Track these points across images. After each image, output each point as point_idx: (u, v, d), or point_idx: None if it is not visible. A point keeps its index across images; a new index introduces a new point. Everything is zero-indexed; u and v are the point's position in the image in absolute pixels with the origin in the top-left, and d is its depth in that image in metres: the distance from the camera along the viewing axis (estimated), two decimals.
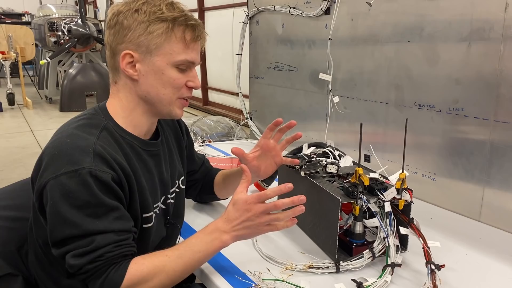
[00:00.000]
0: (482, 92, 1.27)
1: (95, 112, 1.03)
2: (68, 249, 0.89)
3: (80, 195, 0.88)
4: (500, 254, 1.13)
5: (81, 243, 0.88)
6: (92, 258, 0.88)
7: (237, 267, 1.05)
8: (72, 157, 0.90)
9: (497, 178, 1.27)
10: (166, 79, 1.00)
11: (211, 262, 1.07)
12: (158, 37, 0.97)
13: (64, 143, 0.92)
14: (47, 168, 0.91)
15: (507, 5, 1.18)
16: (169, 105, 1.03)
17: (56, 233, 0.89)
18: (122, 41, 0.99)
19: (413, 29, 1.44)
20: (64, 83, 6.83)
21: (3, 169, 3.98)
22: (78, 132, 0.95)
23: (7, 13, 10.62)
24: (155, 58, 0.98)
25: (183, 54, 1.00)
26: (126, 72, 1.00)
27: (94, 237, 0.89)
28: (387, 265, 0.98)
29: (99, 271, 0.89)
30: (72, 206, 0.88)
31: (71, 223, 0.88)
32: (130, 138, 1.02)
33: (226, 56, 5.37)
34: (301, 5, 1.91)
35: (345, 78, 1.74)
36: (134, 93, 1.02)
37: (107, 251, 0.89)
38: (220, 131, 2.54)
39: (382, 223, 1.02)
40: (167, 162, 1.14)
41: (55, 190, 0.88)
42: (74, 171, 0.88)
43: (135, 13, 0.97)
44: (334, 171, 1.20)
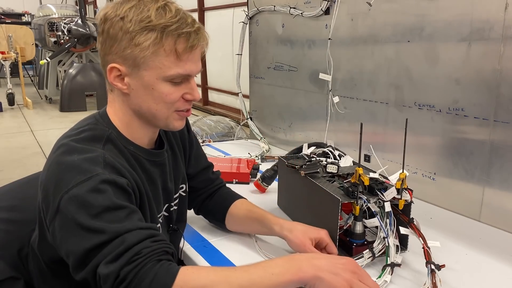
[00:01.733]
0: (482, 92, 1.27)
1: (97, 121, 0.96)
2: (97, 261, 0.76)
3: (96, 202, 0.80)
4: (500, 254, 1.13)
5: (111, 246, 0.77)
6: (129, 258, 0.75)
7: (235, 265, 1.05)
8: (82, 168, 0.83)
9: (497, 178, 1.27)
10: (158, 95, 0.91)
11: (210, 261, 1.07)
12: (145, 50, 0.87)
13: (71, 158, 0.85)
14: (58, 186, 0.83)
15: (507, 5, 1.18)
16: (165, 119, 0.95)
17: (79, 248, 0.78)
18: (109, 52, 0.90)
19: (413, 29, 1.44)
20: (64, 83, 6.83)
21: (3, 169, 3.98)
22: (83, 146, 0.88)
23: (7, 13, 10.62)
24: (143, 72, 0.89)
25: (175, 68, 0.89)
26: (114, 85, 0.92)
27: (123, 237, 0.78)
28: (386, 265, 0.98)
29: (141, 270, 0.75)
30: (91, 215, 0.79)
31: (94, 231, 0.78)
32: (134, 148, 0.97)
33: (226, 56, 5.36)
34: (301, 5, 1.91)
35: (345, 78, 1.74)
36: (127, 106, 0.95)
37: (145, 247, 0.77)
38: (220, 131, 2.54)
39: (382, 223, 1.02)
40: (171, 169, 1.09)
41: (70, 204, 0.80)
42: (87, 179, 0.81)
43: (121, 21, 0.87)
44: (334, 171, 1.20)
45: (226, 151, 2.11)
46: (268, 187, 1.54)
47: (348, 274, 0.81)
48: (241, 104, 2.42)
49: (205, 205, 1.25)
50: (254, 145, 2.24)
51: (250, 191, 1.56)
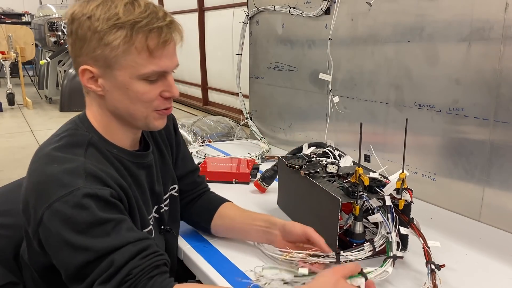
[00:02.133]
0: (482, 92, 1.27)
1: (77, 126, 0.93)
2: (91, 280, 0.78)
3: (80, 218, 0.78)
4: (500, 254, 1.13)
5: (101, 267, 0.78)
6: (120, 280, 0.77)
7: (237, 266, 1.05)
8: (63, 181, 0.80)
9: (497, 178, 1.27)
10: (133, 95, 0.87)
11: (210, 261, 1.07)
12: (116, 49, 0.83)
13: (51, 169, 0.83)
14: (39, 199, 0.81)
15: (507, 5, 1.18)
16: (144, 119, 0.92)
17: (69, 264, 0.79)
18: (79, 54, 0.86)
19: (413, 29, 1.44)
20: (64, 83, 6.83)
21: (3, 169, 3.98)
22: (62, 154, 0.85)
23: (7, 13, 10.62)
24: (116, 72, 0.85)
25: (149, 65, 0.86)
26: (88, 87, 0.89)
27: (111, 257, 0.78)
28: (388, 257, 0.97)
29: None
30: (76, 231, 0.78)
31: (81, 249, 0.78)
32: (117, 151, 0.93)
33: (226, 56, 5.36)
34: (301, 5, 1.91)
35: (345, 78, 1.74)
36: (104, 107, 0.92)
37: (134, 267, 0.79)
38: (220, 131, 2.54)
39: (385, 217, 1.02)
40: (158, 171, 1.06)
41: (53, 219, 0.79)
42: (68, 194, 0.79)
43: (88, 20, 0.83)
44: (334, 171, 1.20)
45: (226, 151, 2.11)
46: (268, 187, 1.54)
47: None
48: (241, 104, 2.42)
49: (189, 208, 1.21)
50: (254, 145, 2.24)
51: (250, 191, 1.57)
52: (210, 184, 1.29)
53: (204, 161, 1.79)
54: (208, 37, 6.01)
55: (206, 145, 2.23)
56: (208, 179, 1.62)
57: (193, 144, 2.25)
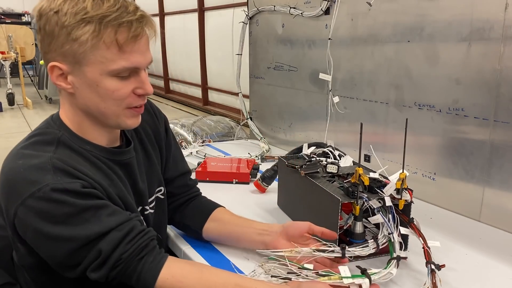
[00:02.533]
0: (482, 92, 1.27)
1: (48, 125, 0.91)
2: (82, 268, 0.81)
3: (57, 211, 0.78)
4: (500, 254, 1.13)
5: (90, 257, 0.80)
6: (111, 266, 0.80)
7: (237, 266, 1.05)
8: (30, 178, 0.79)
9: (497, 178, 1.26)
10: (103, 92, 0.84)
11: (210, 261, 1.07)
12: (84, 44, 0.80)
13: (16, 166, 0.81)
14: (9, 198, 0.81)
15: (507, 5, 1.18)
16: (116, 117, 0.89)
17: (56, 255, 0.81)
18: (48, 50, 0.84)
19: (413, 29, 1.44)
20: None
21: None
22: (30, 152, 0.84)
23: (7, 13, 10.62)
24: (85, 68, 0.83)
25: (119, 61, 0.83)
26: (57, 85, 0.86)
27: (98, 245, 0.79)
28: (392, 258, 0.97)
29: (126, 273, 0.81)
30: (55, 223, 0.78)
31: (64, 239, 0.79)
32: (91, 147, 0.91)
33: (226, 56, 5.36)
34: (301, 5, 1.91)
35: (345, 78, 1.74)
36: (75, 106, 0.89)
37: (122, 252, 0.81)
38: (220, 131, 2.54)
39: (385, 218, 1.02)
40: (143, 170, 1.03)
41: (28, 215, 0.79)
42: (37, 191, 0.78)
43: (55, 15, 0.80)
44: (334, 171, 1.20)
45: (226, 151, 2.11)
46: (268, 187, 1.54)
47: None
48: (241, 104, 2.42)
49: (179, 212, 1.17)
50: (254, 145, 2.24)
51: (250, 191, 1.56)
52: (210, 184, 1.29)
53: (204, 161, 1.79)
54: (208, 37, 6.01)
55: (206, 145, 2.23)
56: (208, 179, 1.63)
57: (193, 144, 2.25)
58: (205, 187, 1.27)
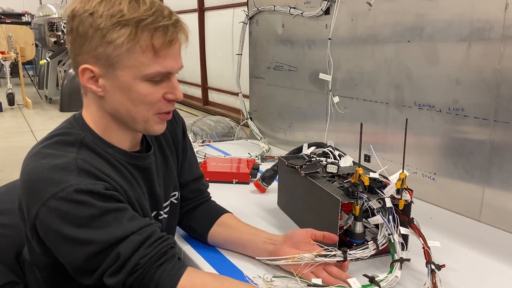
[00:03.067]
0: (482, 92, 1.27)
1: (70, 125, 0.90)
2: (100, 272, 0.79)
3: (79, 213, 0.77)
4: (500, 254, 1.13)
5: (108, 260, 0.78)
6: (129, 271, 0.78)
7: (237, 267, 1.05)
8: (53, 178, 0.78)
9: (497, 178, 1.26)
10: (136, 96, 0.84)
11: (210, 261, 1.07)
12: (119, 47, 0.79)
13: (40, 166, 0.80)
14: (31, 198, 0.80)
15: (507, 5, 1.18)
16: (145, 122, 0.88)
17: (75, 258, 0.79)
18: (79, 52, 0.83)
19: (413, 29, 1.44)
20: (64, 83, 6.82)
21: (3, 169, 3.98)
22: (53, 151, 0.83)
23: (7, 13, 10.61)
24: (118, 72, 0.82)
25: (154, 66, 0.82)
26: (88, 88, 0.85)
27: (117, 249, 0.78)
28: (395, 261, 0.97)
29: (144, 279, 0.79)
30: (77, 226, 0.77)
31: (84, 242, 0.77)
32: (113, 151, 0.90)
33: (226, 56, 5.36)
34: (301, 5, 1.91)
35: (345, 78, 1.74)
36: (103, 109, 0.88)
37: (141, 257, 0.79)
38: (220, 131, 2.54)
39: (385, 219, 1.02)
40: (160, 175, 1.03)
41: (50, 216, 0.77)
42: (60, 191, 0.77)
43: (90, 17, 0.79)
44: (334, 171, 1.20)
45: (226, 151, 2.11)
46: (268, 187, 1.54)
47: None
48: (241, 104, 2.42)
49: (189, 216, 1.17)
50: (254, 145, 2.24)
51: (250, 191, 1.56)
52: (210, 184, 1.28)
53: (204, 161, 1.79)
54: (208, 37, 6.01)
55: (206, 145, 2.23)
56: (208, 179, 1.63)
57: (193, 144, 2.25)
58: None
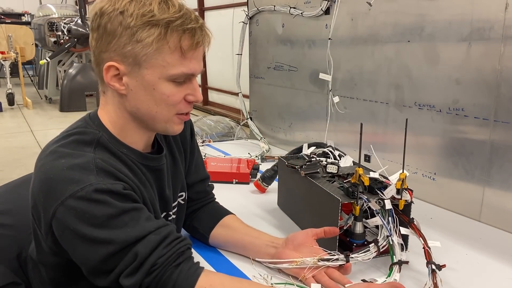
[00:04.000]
0: (482, 92, 1.27)
1: (86, 124, 0.90)
2: (117, 272, 0.78)
3: (97, 212, 0.77)
4: (500, 254, 1.13)
5: (126, 260, 0.78)
6: (146, 271, 0.78)
7: (237, 268, 1.05)
8: (73, 177, 0.78)
9: (497, 178, 1.26)
10: (159, 96, 0.85)
11: (210, 261, 1.07)
12: (148, 46, 0.81)
13: (59, 165, 0.80)
14: (49, 196, 0.79)
15: (507, 5, 1.18)
16: (165, 122, 0.90)
17: (91, 259, 0.78)
18: (106, 49, 0.83)
19: (413, 29, 1.44)
20: (64, 83, 6.83)
21: (3, 169, 3.98)
22: (70, 151, 0.83)
23: (7, 13, 10.62)
24: (144, 71, 0.83)
25: (179, 66, 0.84)
26: (110, 86, 0.86)
27: (135, 248, 0.78)
28: (394, 263, 0.98)
29: (161, 280, 0.79)
30: (95, 226, 0.77)
31: (102, 242, 0.77)
32: (128, 151, 0.90)
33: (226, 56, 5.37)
34: (301, 5, 1.91)
35: (345, 78, 1.74)
36: (123, 108, 0.89)
37: (159, 256, 0.79)
38: (220, 131, 2.54)
39: (384, 221, 1.02)
40: (169, 176, 1.03)
41: (68, 216, 0.77)
42: (80, 190, 0.77)
43: (120, 15, 0.81)
44: (334, 171, 1.20)
45: (226, 151, 2.11)
46: (268, 187, 1.54)
47: None
48: (241, 104, 2.42)
49: (192, 216, 1.17)
50: (254, 145, 2.24)
51: (250, 191, 1.56)
52: None
53: (204, 161, 1.79)
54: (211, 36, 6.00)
55: (206, 145, 2.23)
56: None
57: None
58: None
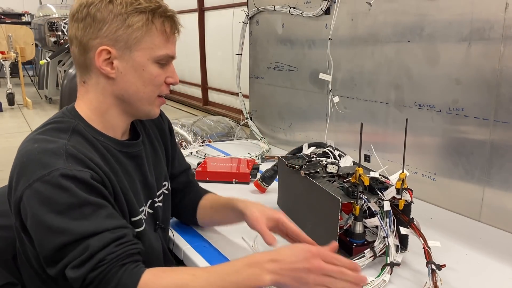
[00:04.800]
0: (482, 92, 1.27)
1: (63, 115, 0.94)
2: (64, 263, 0.79)
3: (60, 199, 0.79)
4: (500, 254, 1.14)
5: (76, 252, 0.78)
6: (93, 265, 0.78)
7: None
8: (42, 161, 0.81)
9: (497, 178, 1.27)
10: (147, 76, 0.93)
11: (210, 261, 1.07)
12: (138, 30, 0.90)
13: (32, 149, 0.84)
14: (19, 180, 0.82)
15: (507, 5, 1.18)
16: (149, 104, 0.97)
17: (46, 246, 0.80)
18: (96, 36, 0.90)
19: (413, 29, 1.44)
20: (64, 83, 6.81)
21: (3, 169, 3.96)
22: (45, 137, 0.87)
23: (7, 13, 10.62)
24: (135, 53, 0.91)
25: (164, 49, 0.94)
26: (102, 70, 0.91)
27: (87, 242, 0.79)
28: (386, 265, 0.99)
29: (106, 277, 0.78)
30: (55, 212, 0.79)
31: (58, 231, 0.78)
32: (104, 139, 0.94)
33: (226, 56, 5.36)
34: (301, 5, 1.91)
35: (345, 78, 1.74)
36: (108, 93, 0.94)
37: (108, 253, 0.79)
38: (220, 131, 2.54)
39: (382, 222, 1.02)
40: (150, 163, 1.07)
41: (32, 199, 0.80)
42: (47, 174, 0.79)
43: (110, 4, 0.89)
44: (334, 171, 1.20)
45: (226, 151, 2.11)
46: (268, 187, 1.54)
47: (316, 277, 0.78)
48: (241, 104, 2.42)
49: (179, 204, 1.23)
50: (254, 145, 2.24)
51: (250, 191, 1.56)
52: (210, 184, 1.29)
53: (204, 161, 1.79)
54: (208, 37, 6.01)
55: (206, 145, 2.23)
56: (208, 179, 1.63)
57: (193, 144, 2.25)
58: (205, 187, 1.28)
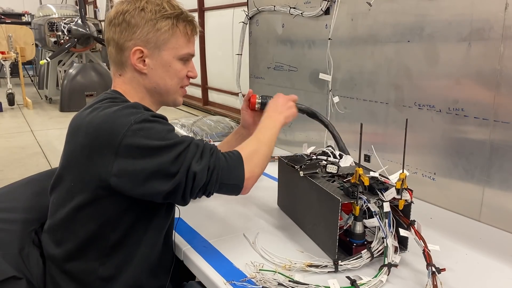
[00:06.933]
0: (482, 92, 1.27)
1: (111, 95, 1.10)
2: (187, 163, 0.98)
3: (159, 128, 0.99)
4: (500, 254, 1.13)
5: (191, 152, 0.99)
6: (210, 153, 1.02)
7: (237, 267, 1.05)
8: (130, 112, 0.99)
9: (497, 178, 1.26)
10: (173, 71, 1.13)
11: (209, 261, 1.08)
12: (165, 33, 1.09)
13: (111, 110, 1.00)
14: (113, 132, 0.97)
15: (507, 5, 1.18)
16: (174, 93, 1.16)
17: (165, 162, 0.96)
18: (130, 38, 1.08)
19: (413, 29, 1.44)
20: (64, 83, 6.83)
21: (3, 169, 3.98)
22: (111, 104, 1.04)
23: (7, 13, 10.62)
24: (163, 52, 1.10)
25: (186, 48, 1.13)
26: (136, 66, 1.10)
27: (194, 142, 1.01)
28: (383, 265, 0.99)
29: (219, 159, 1.02)
30: (160, 139, 0.97)
31: (174, 145, 0.98)
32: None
33: (226, 56, 5.37)
34: (301, 5, 1.91)
35: (345, 78, 1.74)
36: (142, 85, 1.13)
37: (210, 145, 1.04)
38: (220, 131, 2.54)
39: (381, 223, 1.02)
40: None
41: (137, 137, 0.96)
42: (141, 115, 0.99)
43: (142, 11, 1.08)
44: (334, 171, 1.20)
45: None
46: (268, 187, 1.54)
47: (289, 99, 1.33)
48: (241, 104, 2.42)
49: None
50: None
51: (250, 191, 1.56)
52: None
53: None
54: (208, 37, 6.02)
55: None
56: None
57: None
58: None
